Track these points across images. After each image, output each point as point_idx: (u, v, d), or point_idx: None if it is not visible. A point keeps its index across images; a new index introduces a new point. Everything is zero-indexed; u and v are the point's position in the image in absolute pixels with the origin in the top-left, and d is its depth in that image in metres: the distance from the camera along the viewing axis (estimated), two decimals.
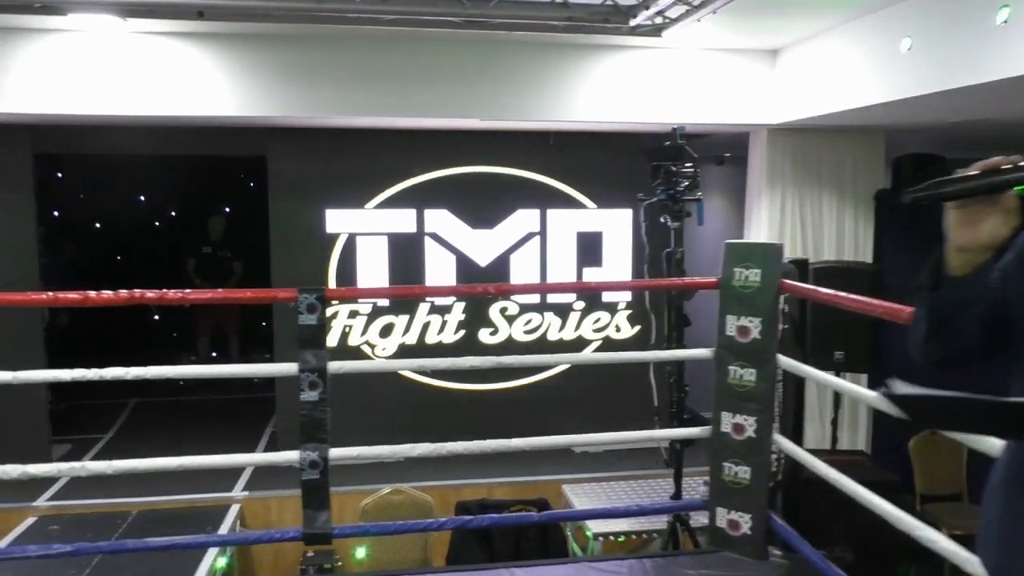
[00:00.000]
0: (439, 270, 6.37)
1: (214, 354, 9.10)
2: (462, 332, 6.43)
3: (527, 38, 4.92)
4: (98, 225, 9.23)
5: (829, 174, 6.12)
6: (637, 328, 6.63)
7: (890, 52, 4.45)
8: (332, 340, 6.23)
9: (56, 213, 8.78)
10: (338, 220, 6.23)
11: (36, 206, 5.90)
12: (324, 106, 5.49)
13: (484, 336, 6.46)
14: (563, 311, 6.54)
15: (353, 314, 6.27)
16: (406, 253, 6.33)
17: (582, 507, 4.98)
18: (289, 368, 3.13)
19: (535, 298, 6.52)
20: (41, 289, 5.90)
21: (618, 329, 6.65)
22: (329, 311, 6.16)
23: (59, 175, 8.75)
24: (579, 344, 6.61)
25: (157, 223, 9.36)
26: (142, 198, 9.29)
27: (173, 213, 9.36)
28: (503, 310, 6.47)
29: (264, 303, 5.71)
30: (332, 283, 6.24)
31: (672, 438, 4.08)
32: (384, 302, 6.32)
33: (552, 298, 6.53)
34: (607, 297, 6.60)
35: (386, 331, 6.33)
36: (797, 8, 4.70)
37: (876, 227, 6.30)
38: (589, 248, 6.55)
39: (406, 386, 6.31)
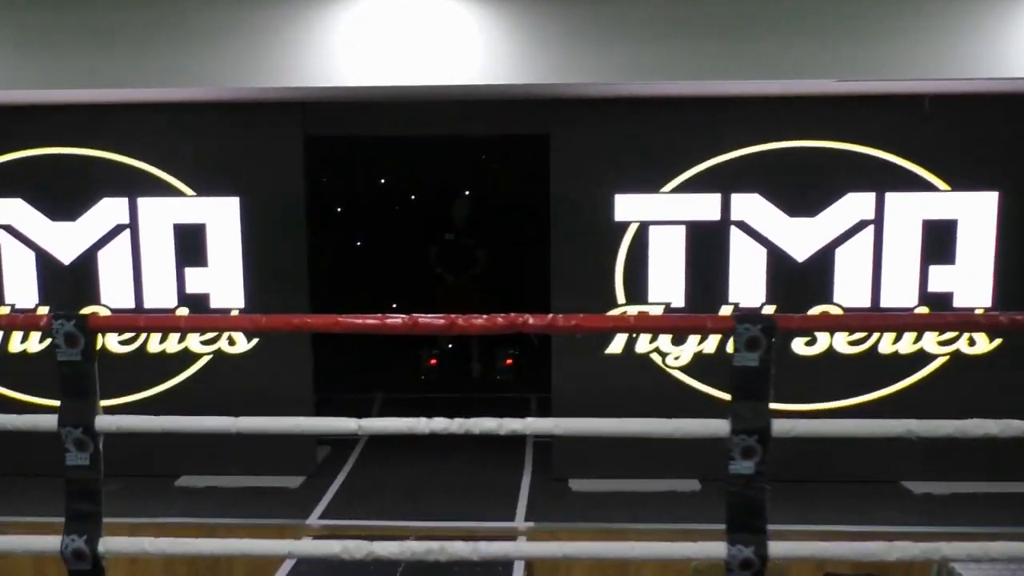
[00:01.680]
0: (746, 266, 5.30)
1: (450, 346, 8.58)
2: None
3: None
4: (339, 210, 8.93)
5: None
6: (997, 342, 5.25)
7: None
8: (616, 346, 5.36)
9: None
10: (629, 206, 5.31)
11: (312, 195, 5.44)
12: (621, 70, 4.58)
13: (798, 346, 5.33)
14: None
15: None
16: (707, 245, 5.31)
17: None
18: (717, 427, 2.19)
19: (863, 300, 5.29)
20: (308, 277, 5.48)
21: (972, 342, 5.29)
22: (615, 312, 5.32)
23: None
24: (920, 359, 5.32)
25: (398, 207, 8.93)
26: (383, 181, 8.89)
27: (413, 197, 8.89)
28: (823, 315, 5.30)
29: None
30: (619, 280, 5.35)
31: None
32: (680, 302, 5.35)
33: (885, 300, 5.28)
34: (959, 301, 5.25)
35: (681, 337, 5.36)
36: None
37: None
38: (938, 241, 5.23)
39: (683, 395, 5.34)
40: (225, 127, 5.37)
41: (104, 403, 5.40)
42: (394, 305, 9.05)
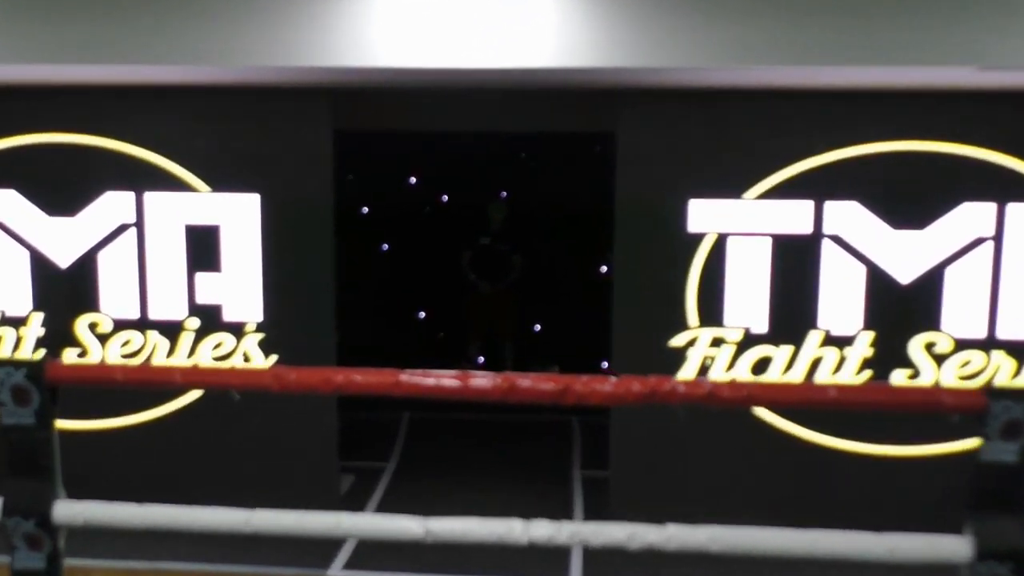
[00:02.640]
0: (841, 286, 4.59)
1: (481, 359, 7.91)
2: (867, 372, 4.62)
3: None
4: (365, 210, 8.25)
5: None
6: None
7: None
8: (688, 376, 4.66)
9: None
10: (705, 214, 4.61)
11: (335, 194, 4.77)
12: (713, 53, 3.89)
13: (899, 380, 4.61)
14: (1022, 350, 4.55)
15: (717, 341, 4.65)
16: (796, 262, 4.60)
17: None
18: (951, 549, 1.49)
19: (978, 331, 4.57)
20: (335, 286, 4.84)
21: None
22: (685, 337, 4.64)
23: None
24: None
25: (428, 208, 8.24)
26: (412, 180, 8.21)
27: (445, 198, 8.20)
28: (929, 345, 4.58)
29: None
30: (692, 299, 4.65)
31: None
32: (762, 327, 4.64)
33: (1004, 332, 4.55)
34: None
35: (761, 366, 4.66)
36: None
37: None
38: None
39: (760, 432, 4.67)
40: (245, 116, 4.71)
41: (101, 424, 4.78)
42: (422, 315, 8.41)
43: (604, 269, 7.87)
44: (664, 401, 1.42)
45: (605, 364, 7.98)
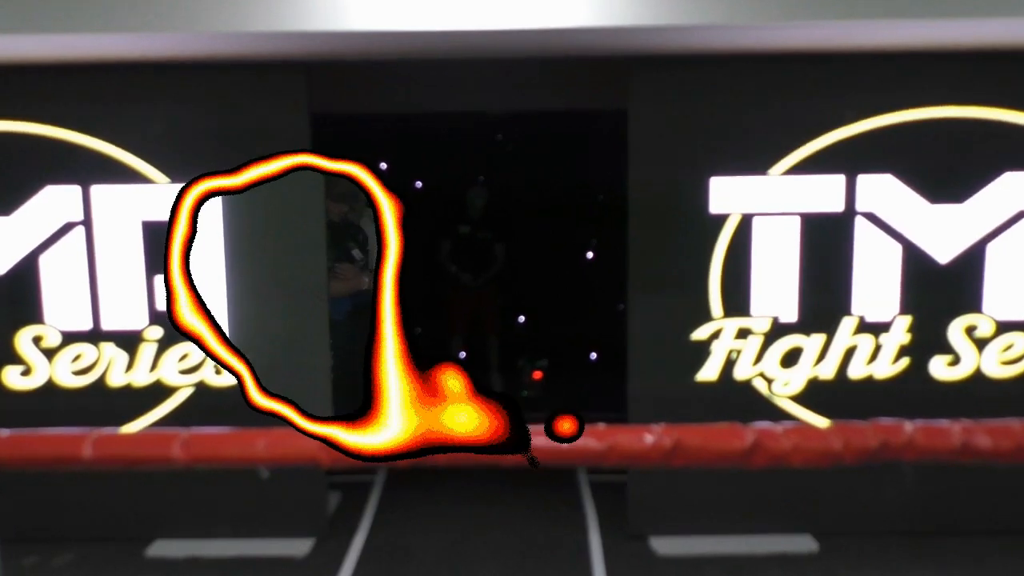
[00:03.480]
0: (876, 267, 4.21)
1: (462, 355, 7.42)
2: (904, 360, 4.26)
3: None
4: None
5: None
6: None
7: None
8: (711, 371, 4.25)
9: None
10: (728, 193, 4.17)
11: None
12: (724, 10, 3.46)
13: (937, 367, 4.26)
14: None
15: (743, 333, 4.24)
16: (827, 242, 4.21)
17: None
18: None
19: (1021, 312, 4.23)
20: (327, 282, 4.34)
21: None
22: (708, 328, 4.23)
23: None
24: None
25: (400, 195, 7.68)
26: (383, 166, 7.65)
27: (419, 184, 7.67)
28: (970, 329, 4.24)
29: None
30: (715, 287, 4.23)
31: None
32: (790, 316, 4.25)
33: None
34: None
35: (791, 358, 4.27)
36: None
37: None
38: None
39: None
40: (207, 95, 4.13)
41: None
42: None
43: (590, 255, 7.46)
44: (897, 457, 1.01)
45: (594, 356, 7.60)
